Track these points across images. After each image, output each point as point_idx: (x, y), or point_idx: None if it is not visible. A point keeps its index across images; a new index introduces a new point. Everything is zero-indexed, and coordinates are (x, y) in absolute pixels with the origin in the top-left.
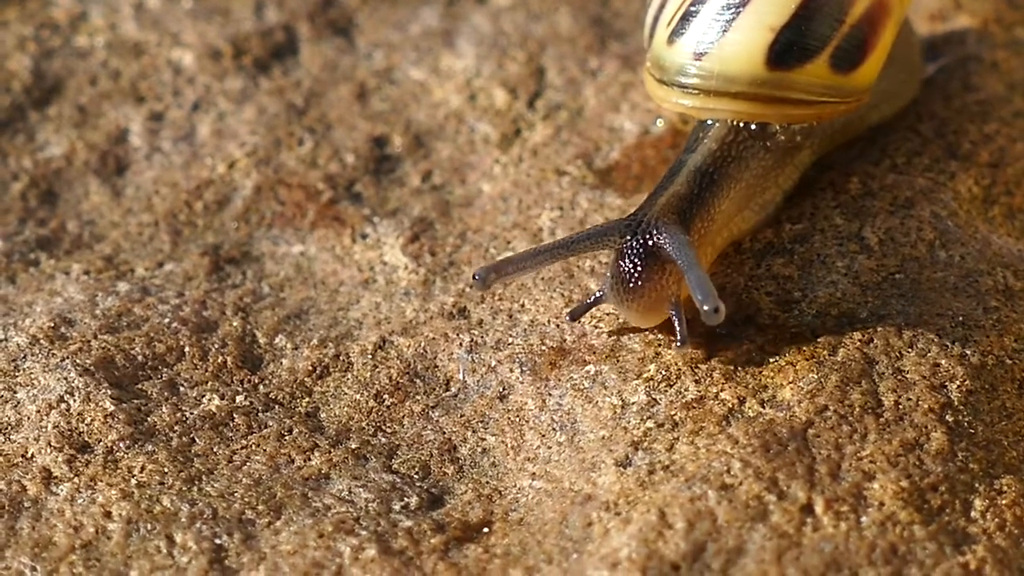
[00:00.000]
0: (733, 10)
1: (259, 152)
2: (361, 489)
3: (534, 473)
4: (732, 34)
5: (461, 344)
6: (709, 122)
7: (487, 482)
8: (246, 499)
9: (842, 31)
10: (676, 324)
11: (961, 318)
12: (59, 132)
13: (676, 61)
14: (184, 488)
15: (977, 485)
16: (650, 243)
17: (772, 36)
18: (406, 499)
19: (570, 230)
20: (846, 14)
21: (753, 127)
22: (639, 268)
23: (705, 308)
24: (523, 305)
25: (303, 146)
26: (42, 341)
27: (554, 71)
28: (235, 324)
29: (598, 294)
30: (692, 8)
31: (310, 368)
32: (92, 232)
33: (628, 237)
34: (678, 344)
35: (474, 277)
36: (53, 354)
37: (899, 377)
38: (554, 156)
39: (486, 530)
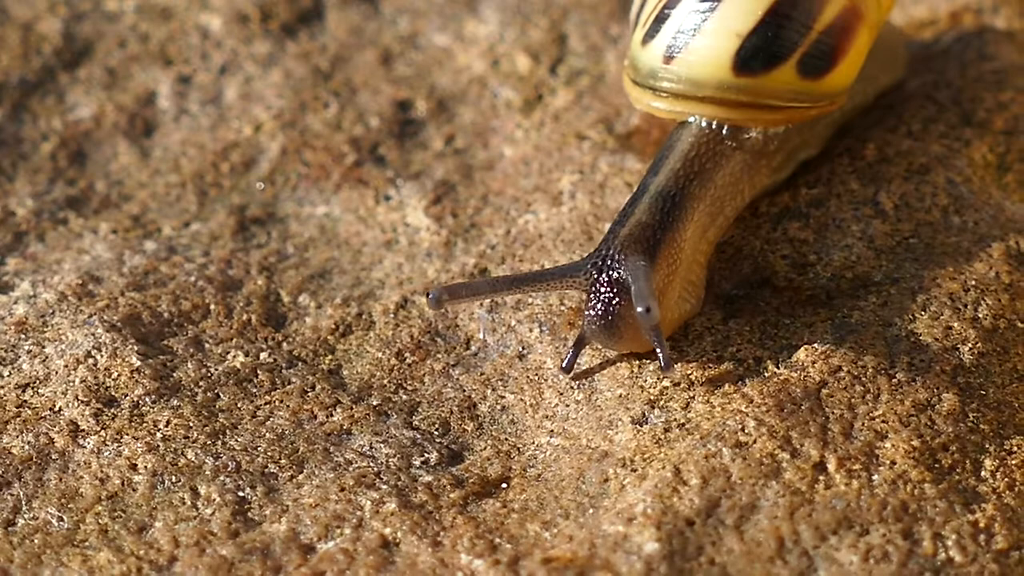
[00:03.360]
0: (702, 15)
1: (285, 115)
2: (382, 444)
3: (552, 430)
4: (700, 39)
5: (482, 304)
6: (675, 138)
7: (506, 439)
8: (269, 453)
9: (810, 37)
10: (658, 350)
11: (974, 282)
12: (88, 94)
13: (648, 63)
14: (208, 442)
15: (987, 445)
16: (615, 277)
17: (738, 42)
18: (426, 455)
19: (590, 193)
20: (815, 20)
21: (725, 131)
22: (612, 306)
23: (639, 310)
24: (543, 267)
25: (328, 109)
26: (70, 298)
27: (576, 37)
28: (260, 283)
29: (578, 337)
30: (665, 11)
31: (333, 326)
32: (120, 192)
33: (595, 275)
34: (662, 368)
35: (427, 295)
36: (81, 310)
37: (912, 339)
38: (575, 121)
39: (504, 485)
